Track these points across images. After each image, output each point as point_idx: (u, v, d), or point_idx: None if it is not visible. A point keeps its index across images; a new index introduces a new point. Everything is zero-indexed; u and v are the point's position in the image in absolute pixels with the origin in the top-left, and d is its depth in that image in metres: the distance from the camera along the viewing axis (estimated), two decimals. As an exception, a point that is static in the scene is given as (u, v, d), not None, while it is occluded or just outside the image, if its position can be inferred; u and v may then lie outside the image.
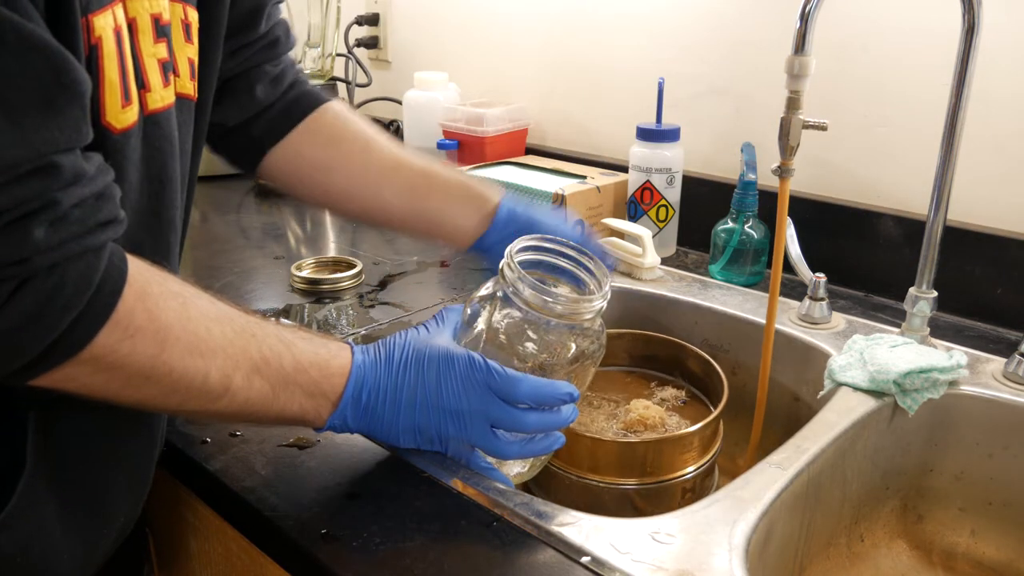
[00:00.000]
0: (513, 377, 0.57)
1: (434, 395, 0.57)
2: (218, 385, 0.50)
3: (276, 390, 0.53)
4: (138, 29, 0.51)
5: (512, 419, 0.58)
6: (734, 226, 1.02)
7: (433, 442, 0.59)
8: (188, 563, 0.76)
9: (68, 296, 0.43)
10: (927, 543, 0.82)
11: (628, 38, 1.23)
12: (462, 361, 0.57)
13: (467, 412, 0.57)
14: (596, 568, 0.53)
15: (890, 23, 0.98)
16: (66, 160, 0.43)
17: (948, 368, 0.76)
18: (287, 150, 0.78)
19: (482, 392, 0.57)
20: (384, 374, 0.58)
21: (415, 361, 0.58)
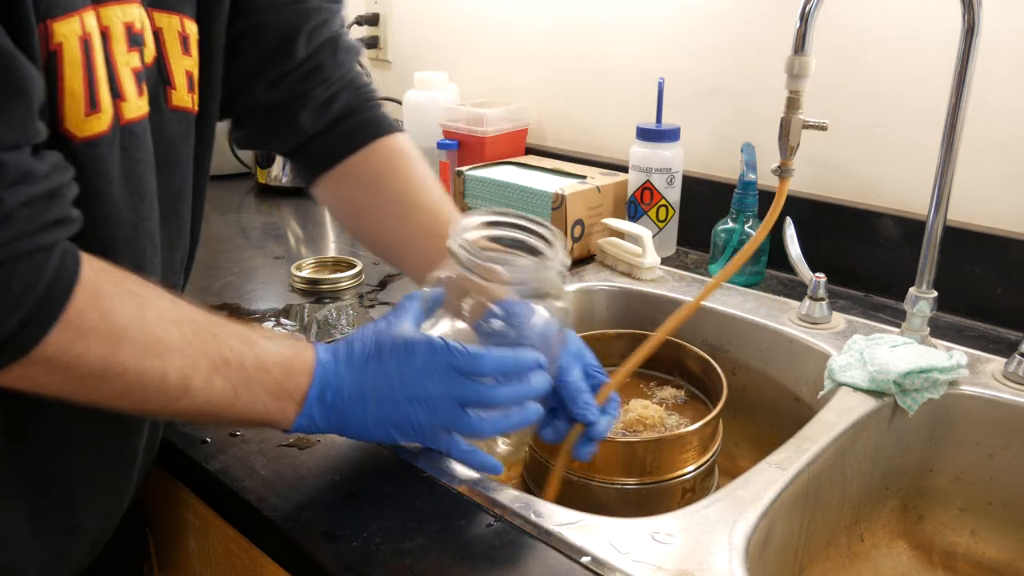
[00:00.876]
0: (475, 353, 0.56)
1: (398, 385, 0.56)
2: (177, 385, 0.50)
3: (238, 390, 0.52)
4: (112, 38, 0.51)
5: (481, 395, 0.57)
6: (734, 226, 1.02)
7: (407, 433, 0.57)
8: (188, 563, 0.76)
9: (15, 296, 0.43)
10: (927, 543, 0.82)
11: (628, 38, 1.23)
12: (421, 347, 0.56)
13: (433, 396, 0.56)
14: (596, 568, 0.53)
15: (890, 23, 0.98)
16: (11, 158, 0.42)
17: (948, 368, 0.76)
18: (329, 184, 0.77)
19: (446, 374, 0.56)
20: (346, 372, 0.56)
21: (376, 354, 0.57)
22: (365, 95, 0.78)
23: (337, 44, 0.74)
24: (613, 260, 1.07)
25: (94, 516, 0.60)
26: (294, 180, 1.47)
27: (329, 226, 1.33)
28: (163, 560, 0.80)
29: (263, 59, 0.69)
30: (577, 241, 1.10)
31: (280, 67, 0.70)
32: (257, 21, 0.67)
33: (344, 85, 0.76)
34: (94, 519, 0.60)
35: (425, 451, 0.66)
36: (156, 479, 0.75)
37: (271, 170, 1.48)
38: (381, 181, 0.75)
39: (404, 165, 0.76)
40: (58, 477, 0.56)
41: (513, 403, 0.59)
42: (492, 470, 0.60)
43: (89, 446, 0.58)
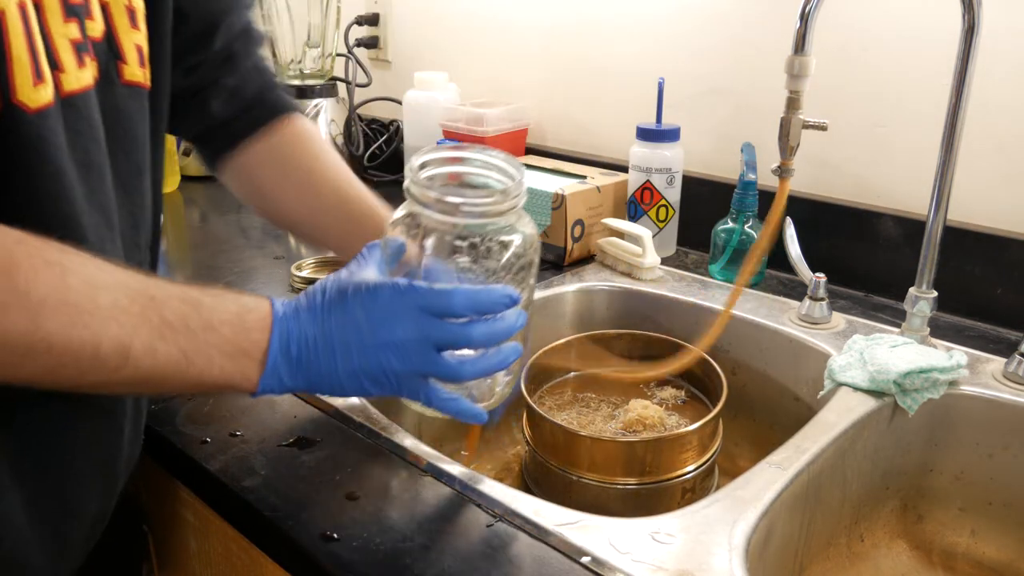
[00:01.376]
0: (443, 290, 0.52)
1: (367, 332, 0.52)
2: (114, 355, 0.47)
3: (188, 355, 0.49)
4: (44, 8, 0.50)
5: (455, 335, 0.53)
6: (734, 226, 1.02)
7: (382, 384, 0.54)
8: (188, 563, 0.76)
9: None
10: (927, 543, 0.82)
11: (628, 38, 1.23)
12: (385, 289, 0.53)
13: (405, 341, 0.52)
14: (596, 568, 0.53)
15: (890, 23, 0.98)
16: None
17: (948, 368, 0.76)
18: (234, 165, 0.78)
19: (415, 315, 0.52)
20: (308, 321, 0.53)
21: (339, 302, 0.53)
22: (270, 82, 0.79)
23: (250, 34, 0.76)
24: (613, 260, 1.07)
25: (91, 497, 0.60)
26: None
27: (329, 226, 1.33)
28: (163, 560, 0.80)
29: (181, 46, 0.67)
30: (577, 241, 1.10)
31: (196, 56, 0.71)
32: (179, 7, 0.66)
33: (253, 74, 0.77)
34: (90, 500, 0.60)
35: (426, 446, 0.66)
36: (156, 479, 0.75)
37: (271, 170, 1.47)
38: (285, 159, 0.77)
39: (307, 143, 0.79)
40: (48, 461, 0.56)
41: (490, 342, 0.55)
42: (475, 418, 0.57)
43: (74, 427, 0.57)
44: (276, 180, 0.78)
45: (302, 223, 0.79)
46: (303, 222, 0.79)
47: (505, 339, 0.55)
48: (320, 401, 0.73)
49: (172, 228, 1.30)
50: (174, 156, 1.48)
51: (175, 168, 1.49)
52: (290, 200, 0.78)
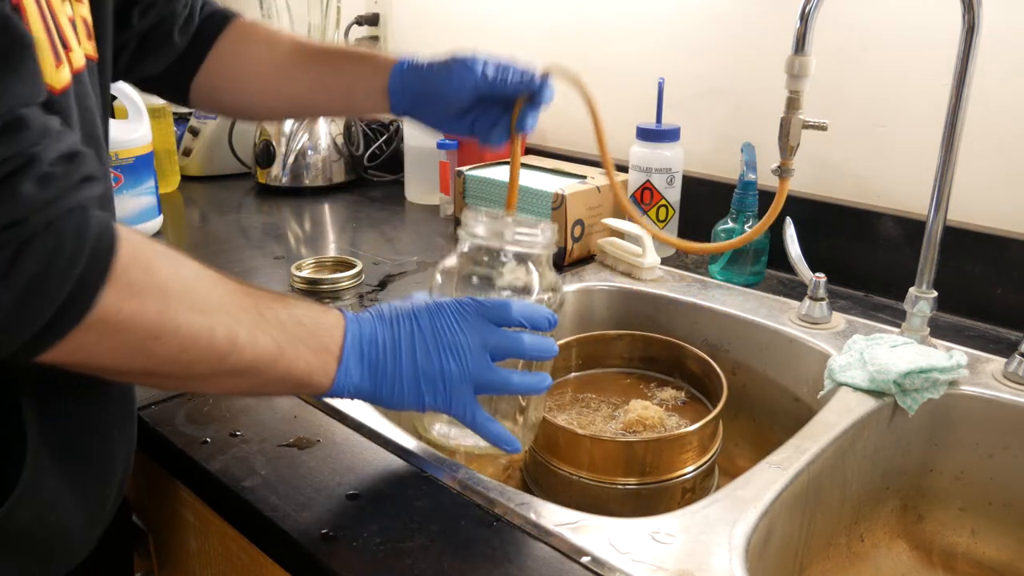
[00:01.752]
0: (502, 301, 0.59)
1: (432, 336, 0.57)
2: (225, 342, 0.49)
3: (281, 346, 0.52)
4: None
5: (509, 341, 0.58)
6: (734, 226, 1.02)
7: (437, 390, 0.57)
8: (188, 563, 0.76)
9: (68, 254, 0.42)
10: (927, 543, 0.82)
11: (628, 38, 1.23)
12: (450, 303, 0.59)
13: (465, 345, 0.57)
14: (596, 568, 0.53)
15: (890, 23, 0.98)
16: (32, 114, 0.41)
17: (948, 368, 0.76)
18: (206, 83, 0.80)
19: (476, 322, 0.58)
20: (380, 325, 0.57)
21: (407, 313, 0.58)
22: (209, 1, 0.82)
23: None
24: (613, 260, 1.07)
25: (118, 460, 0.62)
26: (293, 180, 1.47)
27: (329, 226, 1.33)
28: (163, 560, 0.80)
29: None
30: (577, 241, 1.10)
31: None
32: None
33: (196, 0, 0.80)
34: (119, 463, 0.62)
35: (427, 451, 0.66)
36: (156, 479, 0.75)
37: (271, 170, 1.48)
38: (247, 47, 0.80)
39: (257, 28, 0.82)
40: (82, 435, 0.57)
41: (537, 355, 0.60)
42: (508, 443, 0.60)
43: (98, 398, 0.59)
44: (249, 70, 0.80)
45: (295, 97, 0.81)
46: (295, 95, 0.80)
47: (549, 357, 0.62)
48: (320, 401, 0.73)
49: (172, 228, 1.30)
50: (174, 156, 1.48)
51: (175, 168, 1.49)
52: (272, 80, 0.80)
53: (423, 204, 1.42)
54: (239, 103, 0.83)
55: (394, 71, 0.75)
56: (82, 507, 0.57)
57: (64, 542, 0.57)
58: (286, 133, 1.47)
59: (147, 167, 1.22)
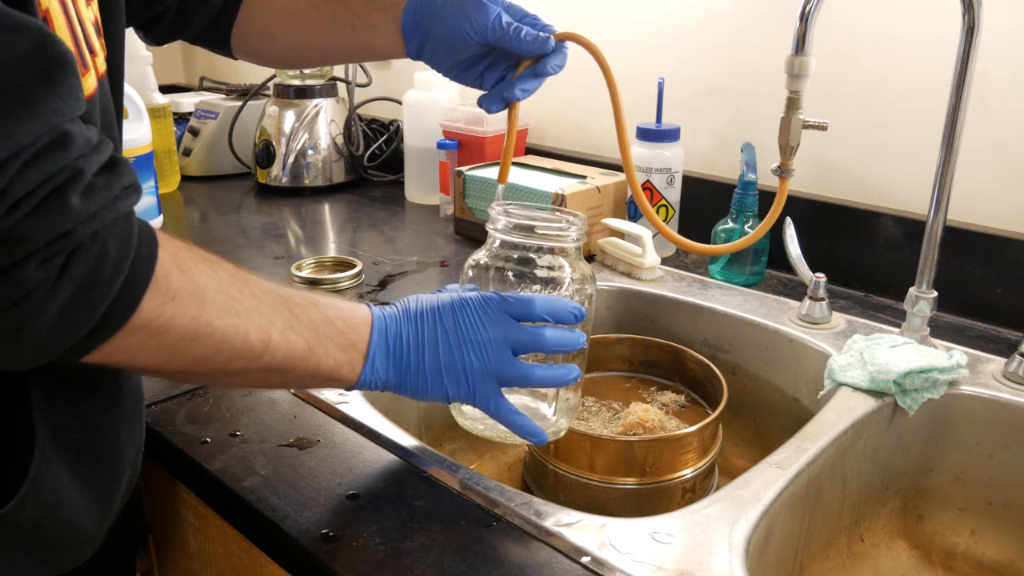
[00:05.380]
0: (526, 297, 0.60)
1: (454, 332, 0.59)
2: (258, 342, 0.51)
3: (311, 344, 0.54)
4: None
5: (531, 336, 0.59)
6: (734, 226, 1.02)
7: (460, 384, 0.59)
8: (188, 563, 0.76)
9: (114, 261, 0.44)
10: (927, 543, 0.82)
11: (628, 38, 1.23)
12: (474, 299, 0.60)
13: (487, 340, 0.58)
14: (596, 568, 0.53)
15: (890, 23, 0.98)
16: (75, 128, 0.43)
17: (948, 368, 0.76)
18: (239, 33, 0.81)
19: (499, 318, 0.59)
20: (405, 322, 0.59)
21: (431, 310, 0.60)
22: None
23: None
24: (613, 260, 1.07)
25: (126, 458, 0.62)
26: (293, 180, 1.47)
27: (329, 226, 1.33)
28: (163, 560, 0.80)
29: None
30: (577, 241, 1.10)
31: None
32: None
33: None
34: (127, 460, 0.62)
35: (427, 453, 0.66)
36: (156, 479, 0.75)
37: (271, 170, 1.48)
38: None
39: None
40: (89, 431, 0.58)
41: (560, 348, 0.60)
42: (534, 435, 0.61)
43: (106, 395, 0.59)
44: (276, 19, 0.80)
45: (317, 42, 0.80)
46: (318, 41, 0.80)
47: (572, 349, 0.61)
48: (320, 401, 0.73)
49: (172, 228, 1.30)
50: (174, 156, 1.48)
51: (175, 168, 1.49)
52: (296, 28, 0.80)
53: (423, 204, 1.42)
54: (273, 52, 0.84)
55: (408, 4, 0.74)
56: (91, 503, 0.58)
57: (73, 537, 0.57)
58: (286, 133, 1.47)
59: (147, 167, 1.22)
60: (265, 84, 1.56)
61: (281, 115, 1.47)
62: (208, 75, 1.89)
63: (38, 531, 0.54)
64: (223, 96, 1.65)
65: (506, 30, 0.71)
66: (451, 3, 0.73)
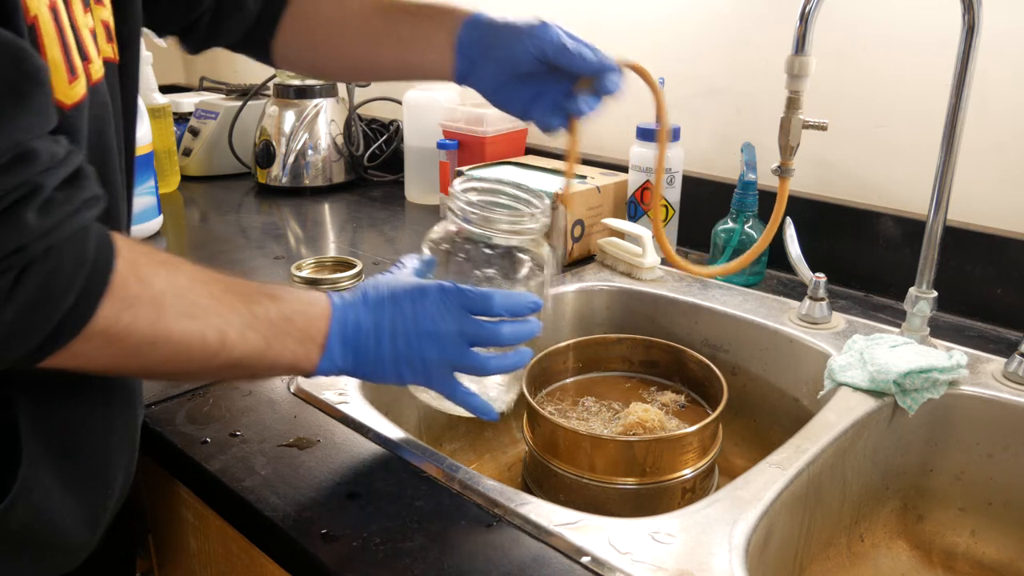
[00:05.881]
0: (485, 292, 0.60)
1: (412, 322, 0.59)
2: (215, 343, 0.52)
3: (269, 341, 0.55)
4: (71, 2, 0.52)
5: (488, 332, 0.60)
6: (734, 226, 1.02)
7: (416, 370, 0.60)
8: (188, 563, 0.76)
9: (67, 276, 0.44)
10: (927, 543, 0.82)
11: (628, 38, 1.23)
12: (433, 288, 0.60)
13: (444, 333, 0.59)
14: (596, 568, 0.53)
15: (890, 23, 0.98)
16: (41, 145, 0.44)
17: (948, 368, 0.76)
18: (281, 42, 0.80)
19: (456, 312, 0.59)
20: (363, 311, 0.60)
21: (390, 296, 0.60)
22: None
23: None
24: (613, 260, 1.07)
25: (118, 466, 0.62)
26: (293, 180, 1.47)
27: (329, 226, 1.33)
28: (163, 560, 0.80)
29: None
30: (577, 241, 1.10)
31: None
32: None
33: None
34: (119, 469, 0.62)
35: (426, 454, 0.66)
36: (156, 479, 0.75)
37: (271, 170, 1.48)
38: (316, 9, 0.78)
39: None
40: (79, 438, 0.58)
41: (515, 341, 0.62)
42: (487, 414, 0.63)
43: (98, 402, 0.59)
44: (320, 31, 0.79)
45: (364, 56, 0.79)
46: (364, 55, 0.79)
47: (527, 340, 0.62)
48: (320, 401, 0.73)
49: (172, 228, 1.30)
50: (174, 156, 1.48)
51: (175, 168, 1.49)
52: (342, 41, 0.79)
53: (423, 204, 1.42)
54: (315, 63, 0.83)
55: (467, 22, 0.73)
56: (80, 508, 0.58)
57: (61, 543, 0.57)
58: (286, 133, 1.47)
59: (147, 167, 1.22)
60: (265, 84, 1.56)
61: (281, 115, 1.47)
62: (208, 75, 1.89)
63: (28, 535, 0.54)
64: (223, 96, 1.65)
65: (569, 47, 0.71)
66: (512, 25, 0.72)
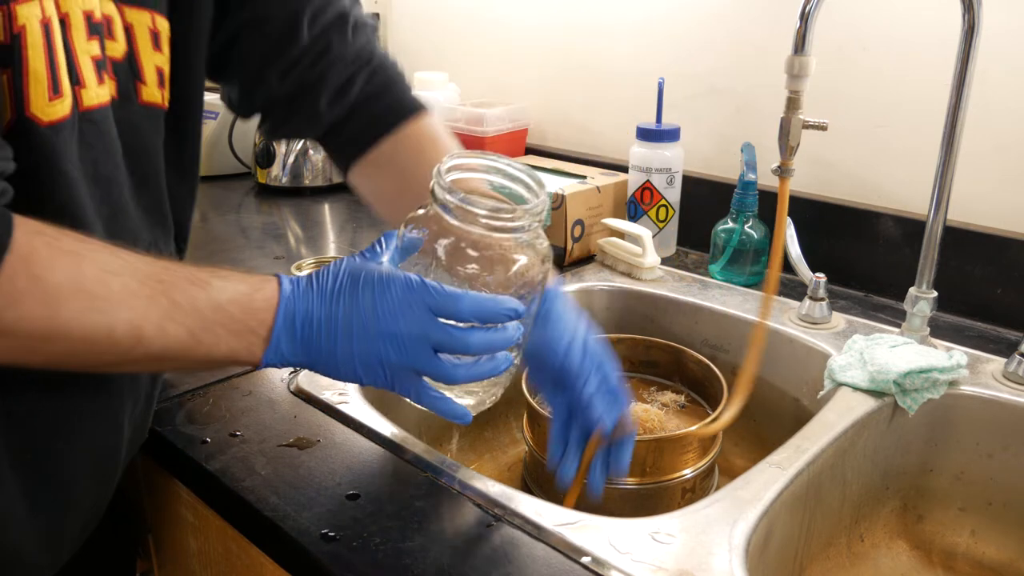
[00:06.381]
0: (453, 294, 0.53)
1: (371, 320, 0.53)
2: (127, 338, 0.49)
3: (195, 334, 0.51)
4: (71, 25, 0.52)
5: (454, 339, 0.53)
6: (734, 226, 1.02)
7: (376, 374, 0.55)
8: (188, 562, 0.76)
9: None
10: (927, 543, 0.82)
11: (628, 38, 1.23)
12: (398, 282, 0.53)
13: (406, 335, 0.53)
14: (596, 568, 0.53)
15: (890, 23, 0.98)
16: None
17: (948, 368, 0.76)
18: (361, 171, 0.76)
19: (420, 312, 0.53)
20: (317, 302, 0.54)
21: (350, 287, 0.54)
22: (387, 74, 0.75)
23: (346, 22, 0.72)
24: (613, 260, 1.07)
25: (86, 490, 0.61)
26: (293, 180, 1.47)
27: (329, 226, 1.33)
28: (163, 560, 0.80)
29: (269, 49, 0.68)
30: (577, 241, 1.10)
31: (288, 55, 0.69)
32: (256, 12, 0.67)
33: (362, 65, 0.73)
34: (84, 495, 0.61)
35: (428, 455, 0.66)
36: (156, 479, 0.75)
37: (271, 170, 1.48)
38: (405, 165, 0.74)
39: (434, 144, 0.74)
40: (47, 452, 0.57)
41: (486, 351, 0.55)
42: (460, 418, 0.57)
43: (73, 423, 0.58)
44: (397, 187, 0.74)
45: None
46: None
47: (501, 350, 0.56)
48: (320, 401, 0.73)
49: (172, 228, 1.29)
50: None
51: (175, 168, 1.49)
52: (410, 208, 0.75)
53: (423, 204, 1.41)
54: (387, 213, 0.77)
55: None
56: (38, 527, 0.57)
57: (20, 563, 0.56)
58: (286, 133, 1.47)
59: (147, 167, 1.22)
60: (265, 84, 1.56)
61: (281, 115, 1.47)
62: (208, 75, 1.89)
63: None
64: (223, 96, 1.65)
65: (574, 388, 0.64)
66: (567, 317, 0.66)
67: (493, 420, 0.96)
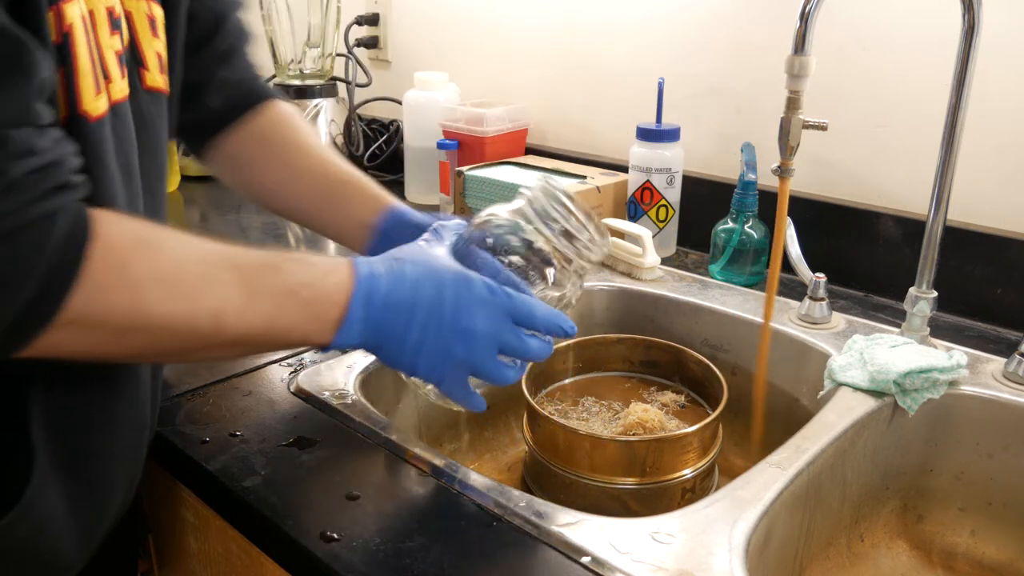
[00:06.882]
0: (532, 303, 0.58)
1: (451, 314, 0.56)
2: (208, 325, 0.50)
3: (273, 319, 0.52)
4: (96, 21, 0.52)
5: (521, 343, 0.58)
6: (734, 226, 1.02)
7: (433, 366, 0.57)
8: (188, 563, 0.76)
9: (29, 261, 0.43)
10: (927, 543, 0.82)
11: (628, 38, 1.23)
12: (480, 284, 0.57)
13: (480, 333, 0.56)
14: (596, 568, 0.53)
15: (890, 23, 0.98)
16: (16, 135, 0.43)
17: (948, 368, 0.76)
18: (221, 153, 0.79)
19: (499, 315, 0.56)
20: (398, 288, 0.56)
21: (432, 278, 0.56)
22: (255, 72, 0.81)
23: (244, 30, 0.77)
24: (613, 260, 1.07)
25: (117, 489, 0.62)
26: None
27: (329, 226, 1.33)
28: (163, 560, 0.80)
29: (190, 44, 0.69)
30: (577, 241, 1.10)
31: (202, 52, 0.72)
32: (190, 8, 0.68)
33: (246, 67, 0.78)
34: (117, 492, 0.62)
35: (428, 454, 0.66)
36: (156, 479, 0.75)
37: (271, 170, 1.47)
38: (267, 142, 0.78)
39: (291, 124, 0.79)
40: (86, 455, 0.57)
41: (537, 357, 0.59)
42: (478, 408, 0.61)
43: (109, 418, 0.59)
44: (259, 163, 0.78)
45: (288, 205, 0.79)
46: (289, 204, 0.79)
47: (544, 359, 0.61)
48: (320, 401, 0.73)
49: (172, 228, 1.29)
50: (174, 156, 1.48)
51: (175, 168, 1.49)
52: (274, 182, 0.78)
53: (423, 204, 1.41)
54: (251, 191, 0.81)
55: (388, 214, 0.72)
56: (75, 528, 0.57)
57: (55, 560, 0.57)
58: (286, 133, 1.47)
59: (147, 167, 1.22)
60: (265, 84, 1.56)
61: (281, 115, 1.47)
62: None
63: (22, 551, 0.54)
64: (223, 96, 1.65)
65: None
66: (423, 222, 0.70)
67: (493, 420, 0.96)
